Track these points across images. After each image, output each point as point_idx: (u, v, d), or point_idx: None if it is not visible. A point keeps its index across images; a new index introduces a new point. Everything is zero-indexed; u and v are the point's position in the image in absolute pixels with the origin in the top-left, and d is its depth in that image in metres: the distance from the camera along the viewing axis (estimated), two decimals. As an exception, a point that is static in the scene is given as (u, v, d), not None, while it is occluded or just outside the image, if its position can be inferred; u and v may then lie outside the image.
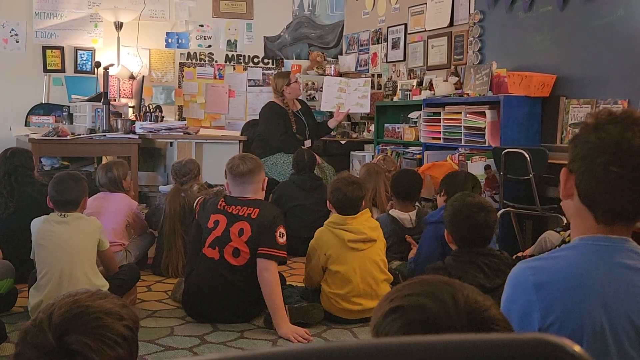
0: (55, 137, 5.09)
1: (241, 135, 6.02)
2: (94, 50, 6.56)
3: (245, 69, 7.17)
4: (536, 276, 1.24)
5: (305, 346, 0.57)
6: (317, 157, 5.37)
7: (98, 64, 5.75)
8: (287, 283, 3.62)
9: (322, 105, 6.37)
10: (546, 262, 1.28)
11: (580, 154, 1.25)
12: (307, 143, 5.77)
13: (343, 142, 6.54)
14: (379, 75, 6.75)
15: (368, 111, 6.29)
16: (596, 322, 1.20)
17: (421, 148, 5.32)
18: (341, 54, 7.38)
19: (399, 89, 6.15)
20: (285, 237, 3.24)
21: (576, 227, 1.32)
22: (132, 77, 6.48)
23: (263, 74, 7.20)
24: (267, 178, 3.49)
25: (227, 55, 7.11)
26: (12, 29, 6.35)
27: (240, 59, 7.15)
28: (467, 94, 5.09)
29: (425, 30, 6.05)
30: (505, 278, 2.51)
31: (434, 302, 0.89)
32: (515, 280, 1.29)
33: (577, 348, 0.53)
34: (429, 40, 6.00)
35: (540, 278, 1.24)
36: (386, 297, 0.96)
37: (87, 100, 5.73)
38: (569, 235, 2.80)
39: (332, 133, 6.37)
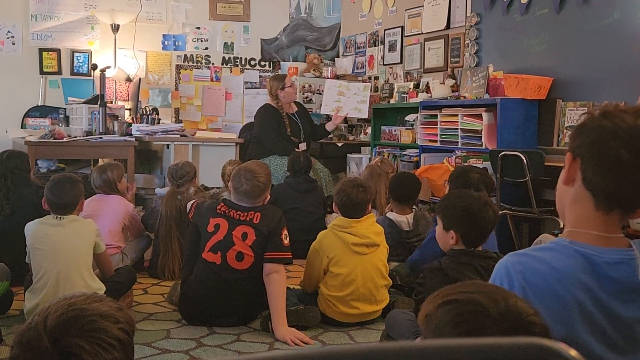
0: (51, 140, 5.08)
1: (239, 137, 6.02)
2: (91, 52, 6.56)
3: (242, 72, 7.17)
4: (524, 275, 1.23)
5: (302, 350, 0.57)
6: (312, 158, 5.38)
7: (94, 66, 5.75)
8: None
9: (322, 108, 6.38)
10: (534, 263, 1.25)
11: (589, 138, 1.25)
12: (302, 146, 5.76)
13: (340, 144, 6.54)
14: (376, 78, 6.76)
15: (366, 116, 6.30)
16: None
17: (418, 150, 5.33)
18: (338, 57, 7.38)
19: (396, 92, 6.15)
20: (288, 238, 3.25)
21: (571, 215, 1.31)
22: (128, 80, 6.48)
23: (260, 76, 7.20)
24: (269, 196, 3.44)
25: (223, 57, 7.11)
26: (9, 31, 6.34)
27: (237, 62, 7.16)
28: (464, 97, 5.10)
29: (422, 33, 6.06)
30: None
31: (487, 298, 1.01)
32: (502, 274, 1.27)
33: (572, 352, 0.53)
34: (426, 42, 6.01)
35: (526, 281, 1.23)
36: (438, 293, 1.09)
37: (84, 103, 5.72)
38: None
39: (330, 135, 6.37)
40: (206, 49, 7.04)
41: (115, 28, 6.32)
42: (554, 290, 1.21)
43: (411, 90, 5.95)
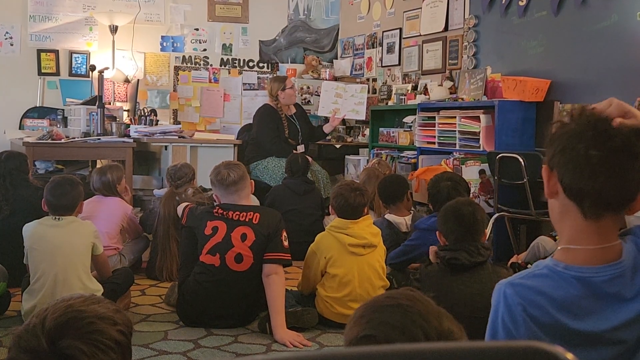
0: (49, 141, 5.08)
1: (237, 139, 6.02)
2: (89, 53, 6.55)
3: (240, 73, 7.16)
4: (524, 308, 1.23)
5: (299, 352, 0.57)
6: (310, 160, 5.39)
7: (93, 67, 5.74)
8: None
9: (319, 110, 6.38)
10: (532, 294, 1.24)
11: (559, 146, 1.23)
12: (300, 148, 5.76)
13: (338, 146, 6.54)
14: (374, 80, 6.76)
15: (363, 118, 6.31)
16: None
17: (416, 152, 5.33)
18: (336, 58, 7.38)
19: (394, 94, 6.16)
20: (287, 240, 3.26)
21: (565, 229, 1.28)
22: (127, 81, 6.47)
23: (258, 78, 7.20)
24: (254, 181, 3.54)
25: (222, 59, 7.11)
26: (7, 32, 6.34)
27: (236, 63, 7.15)
28: (462, 99, 5.11)
29: (420, 35, 6.06)
30: (484, 259, 2.60)
31: (405, 337, 0.94)
32: (502, 307, 1.25)
33: (569, 356, 0.53)
34: (424, 44, 6.01)
35: (527, 315, 1.23)
36: (362, 314, 1.01)
37: (82, 104, 5.72)
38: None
39: (327, 137, 6.37)
40: (204, 50, 7.03)
41: (114, 29, 6.31)
42: (557, 321, 1.21)
43: (409, 92, 5.95)
